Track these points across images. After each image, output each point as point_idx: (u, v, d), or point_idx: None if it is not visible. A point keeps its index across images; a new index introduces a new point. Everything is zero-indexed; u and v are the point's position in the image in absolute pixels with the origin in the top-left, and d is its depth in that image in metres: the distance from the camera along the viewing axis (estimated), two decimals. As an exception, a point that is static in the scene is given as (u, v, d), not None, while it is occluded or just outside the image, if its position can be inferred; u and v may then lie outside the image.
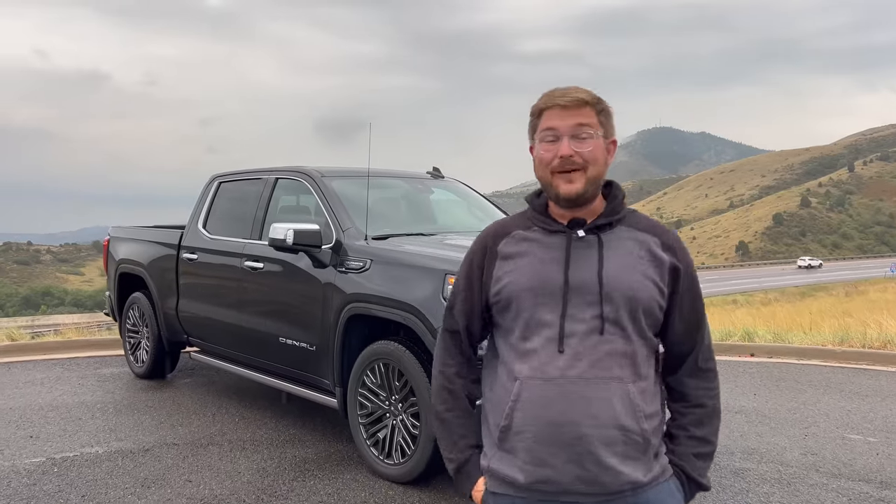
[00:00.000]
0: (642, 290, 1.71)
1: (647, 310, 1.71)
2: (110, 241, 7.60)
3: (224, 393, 6.48)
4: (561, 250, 1.74)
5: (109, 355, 8.23)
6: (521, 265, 1.75)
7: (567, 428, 1.64)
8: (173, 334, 6.57)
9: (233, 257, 5.66)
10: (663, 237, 1.79)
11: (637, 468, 1.68)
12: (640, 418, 1.68)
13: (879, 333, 8.89)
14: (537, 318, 1.71)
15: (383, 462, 4.33)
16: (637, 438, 1.67)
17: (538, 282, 1.72)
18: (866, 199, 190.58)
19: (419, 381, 4.06)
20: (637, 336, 1.71)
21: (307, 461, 4.67)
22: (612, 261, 1.72)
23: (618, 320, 1.69)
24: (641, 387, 1.71)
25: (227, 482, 4.31)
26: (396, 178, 5.97)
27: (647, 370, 1.74)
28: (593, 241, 1.75)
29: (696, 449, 1.80)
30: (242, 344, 5.63)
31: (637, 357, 1.71)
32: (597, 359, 1.67)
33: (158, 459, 4.69)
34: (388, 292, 4.28)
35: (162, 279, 6.59)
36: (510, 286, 1.75)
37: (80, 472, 4.48)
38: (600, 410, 1.65)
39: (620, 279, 1.70)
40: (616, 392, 1.67)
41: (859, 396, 6.44)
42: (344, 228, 4.82)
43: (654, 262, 1.75)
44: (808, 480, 4.34)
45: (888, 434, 5.28)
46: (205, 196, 6.43)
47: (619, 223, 1.79)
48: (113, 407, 5.97)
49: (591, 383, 1.66)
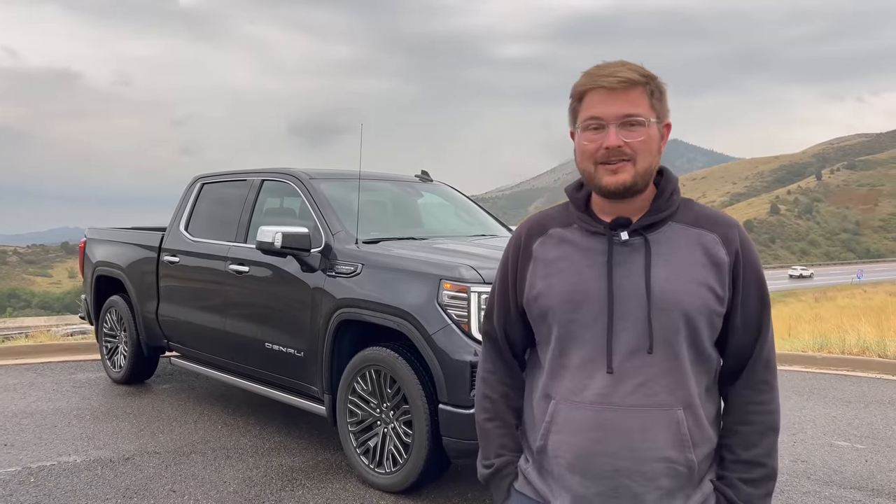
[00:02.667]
0: (696, 300, 1.48)
1: (703, 321, 1.49)
2: (87, 243, 7.40)
3: (206, 399, 6.33)
4: (602, 256, 1.51)
5: (84, 360, 8.01)
6: (557, 272, 1.55)
7: (601, 459, 1.48)
8: (153, 339, 6.40)
9: (217, 260, 5.52)
10: (723, 231, 1.53)
11: (679, 500, 1.51)
12: (687, 448, 1.49)
13: (858, 340, 9.01)
14: (574, 333, 1.51)
15: (374, 471, 4.24)
16: (682, 469, 1.49)
17: (576, 293, 1.51)
18: (833, 206, 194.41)
19: (412, 389, 3.98)
20: (692, 353, 1.50)
21: (294, 470, 4.56)
22: (661, 267, 1.49)
23: (668, 337, 1.47)
24: (693, 411, 1.51)
25: (212, 492, 4.18)
26: (385, 182, 5.89)
27: (700, 390, 1.53)
28: (639, 245, 1.51)
29: (742, 474, 1.54)
30: (226, 349, 5.50)
31: (689, 378, 1.50)
32: (641, 382, 1.47)
33: (140, 469, 4.54)
34: (380, 297, 4.19)
35: (142, 282, 6.42)
36: (544, 297, 1.55)
37: (58, 482, 4.32)
38: (641, 443, 1.47)
39: (671, 289, 1.48)
40: (661, 421, 1.47)
41: (843, 402, 6.49)
42: (334, 232, 4.72)
43: (712, 262, 1.51)
44: (800, 488, 4.34)
45: (875, 441, 5.31)
46: (187, 197, 6.28)
47: (670, 219, 1.54)
48: (90, 414, 5.79)
49: (632, 411, 1.47)
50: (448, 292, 3.92)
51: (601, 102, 1.47)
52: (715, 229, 1.53)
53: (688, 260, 1.50)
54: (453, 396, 3.81)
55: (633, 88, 1.48)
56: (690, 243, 1.52)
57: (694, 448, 1.50)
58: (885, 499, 4.18)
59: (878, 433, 5.52)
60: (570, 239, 1.57)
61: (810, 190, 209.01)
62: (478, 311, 3.83)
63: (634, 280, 1.49)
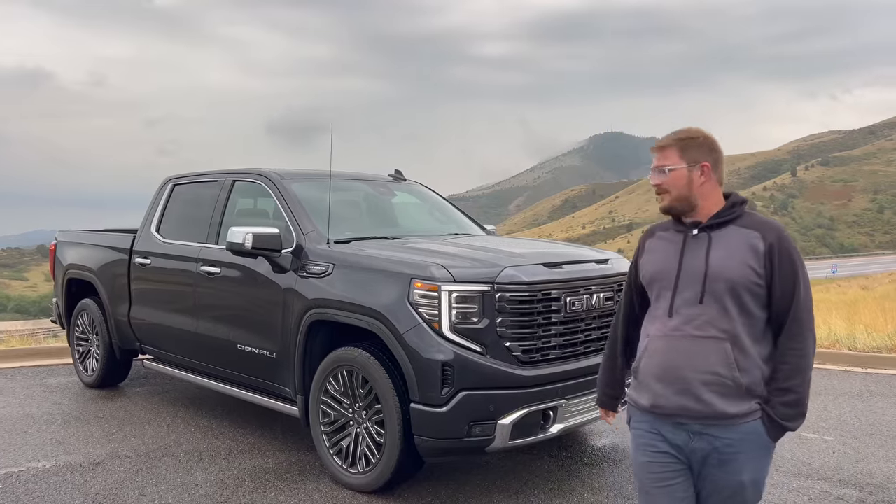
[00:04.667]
0: (739, 273, 2.22)
1: (745, 288, 2.22)
2: (57, 246, 7.31)
3: (179, 402, 6.28)
4: (680, 244, 2.35)
5: (56, 364, 7.92)
6: (657, 251, 2.43)
7: (671, 371, 2.27)
8: (125, 342, 6.34)
9: (188, 262, 5.48)
10: (764, 230, 2.26)
11: (727, 404, 2.20)
12: (733, 369, 2.21)
13: (829, 333, 9.14)
14: (661, 293, 2.35)
15: (347, 471, 4.23)
16: (728, 382, 2.21)
17: (662, 267, 2.37)
18: (808, 202, 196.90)
19: (384, 388, 3.98)
20: (736, 308, 2.23)
21: (267, 472, 4.54)
22: (717, 251, 2.27)
23: (716, 295, 2.23)
24: (739, 346, 2.22)
25: (183, 495, 4.15)
26: (358, 181, 5.88)
27: (747, 334, 2.23)
28: (704, 238, 2.31)
29: (781, 398, 2.22)
30: (199, 351, 5.46)
31: (736, 324, 2.22)
32: (698, 324, 2.25)
33: (110, 473, 4.50)
34: (352, 297, 4.19)
35: (113, 285, 6.35)
36: (647, 271, 2.43)
37: (27, 488, 4.27)
38: (698, 360, 2.23)
39: (722, 265, 2.24)
40: (713, 348, 2.22)
41: (813, 395, 6.53)
42: (305, 232, 4.71)
43: (753, 251, 2.24)
44: (769, 480, 4.39)
45: (842, 433, 5.40)
46: (158, 199, 6.22)
47: (731, 223, 2.31)
48: (61, 418, 5.72)
49: (691, 340, 2.25)
50: (419, 291, 3.92)
51: (654, 158, 2.40)
52: (759, 229, 2.27)
53: (736, 248, 2.26)
54: (424, 395, 3.82)
55: (666, 149, 2.36)
56: (740, 238, 2.27)
57: (740, 371, 2.21)
58: (850, 489, 4.26)
59: (846, 425, 5.61)
60: (665, 236, 2.45)
61: (786, 186, 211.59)
62: (448, 310, 3.84)
63: (698, 260, 2.29)
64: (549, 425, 4.02)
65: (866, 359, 7.99)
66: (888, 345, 8.32)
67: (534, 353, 3.98)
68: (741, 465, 2.23)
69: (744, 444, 2.22)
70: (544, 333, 4.03)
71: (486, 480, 4.40)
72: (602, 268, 4.48)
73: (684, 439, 2.27)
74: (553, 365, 4.05)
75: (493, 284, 3.90)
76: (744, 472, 2.24)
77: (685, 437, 2.27)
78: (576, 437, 5.26)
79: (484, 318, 3.87)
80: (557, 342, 4.09)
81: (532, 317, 3.98)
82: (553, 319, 4.07)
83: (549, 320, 4.05)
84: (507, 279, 3.93)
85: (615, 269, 4.55)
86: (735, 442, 2.22)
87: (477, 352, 3.84)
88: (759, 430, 2.23)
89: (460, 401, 3.77)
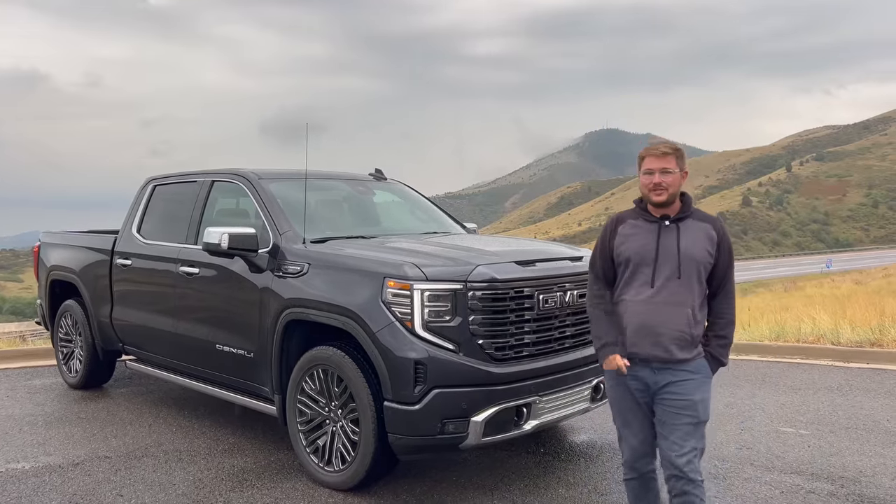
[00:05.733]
0: (701, 255, 3.09)
1: (703, 267, 3.10)
2: (41, 247, 7.32)
3: (162, 402, 6.30)
4: (654, 233, 3.13)
5: (42, 366, 7.94)
6: (634, 236, 3.16)
7: (648, 328, 3.08)
8: (108, 343, 6.35)
9: (168, 262, 5.49)
10: (714, 224, 3.17)
11: (684, 352, 3.08)
12: (692, 326, 3.09)
13: (813, 328, 9.19)
14: (639, 269, 3.12)
15: (323, 469, 4.26)
16: (687, 337, 3.08)
17: (640, 249, 3.13)
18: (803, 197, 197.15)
19: (359, 387, 4.00)
20: (696, 281, 3.09)
21: (245, 471, 4.56)
22: (685, 239, 3.10)
23: (687, 272, 3.07)
24: (696, 308, 3.09)
25: (160, 495, 4.17)
26: (338, 181, 5.90)
27: (700, 300, 3.11)
28: (674, 228, 3.13)
29: (719, 342, 3.17)
30: (179, 352, 5.47)
31: (695, 293, 3.09)
32: (672, 292, 3.07)
33: (89, 474, 4.52)
34: (326, 297, 4.21)
35: (95, 286, 6.37)
36: (625, 250, 3.15)
37: (4, 489, 4.29)
38: (670, 321, 3.07)
39: (690, 249, 3.09)
40: (680, 312, 3.07)
41: (793, 390, 6.63)
42: (282, 232, 4.72)
43: (708, 239, 3.12)
44: (742, 475, 4.44)
45: (819, 426, 5.44)
46: (139, 200, 6.24)
47: (688, 217, 3.15)
48: (43, 420, 5.73)
49: (665, 306, 3.07)
50: (392, 290, 3.94)
51: (653, 161, 3.11)
52: (710, 222, 3.17)
53: (697, 236, 3.12)
54: (397, 393, 3.84)
55: (668, 156, 3.11)
56: (699, 229, 3.13)
57: (693, 327, 3.09)
58: (822, 482, 4.29)
59: (824, 419, 5.65)
60: (637, 224, 3.19)
61: (781, 182, 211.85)
62: (421, 309, 3.87)
63: (671, 245, 3.10)
64: (522, 422, 4.04)
65: (849, 353, 8.03)
66: (871, 339, 8.36)
67: (507, 350, 4.01)
68: (692, 388, 3.09)
69: (693, 375, 3.10)
70: (517, 331, 4.06)
71: (461, 477, 4.43)
72: (576, 265, 4.51)
73: (649, 374, 3.13)
74: (526, 362, 4.08)
75: (466, 283, 3.93)
76: (695, 393, 3.09)
77: (650, 372, 3.12)
78: (554, 434, 5.29)
79: (456, 317, 3.90)
80: (531, 339, 4.11)
81: (505, 314, 4.01)
82: (526, 317, 4.09)
83: (523, 318, 4.08)
84: (479, 277, 3.96)
85: (589, 266, 4.58)
86: (687, 374, 3.09)
87: (450, 350, 3.87)
88: (703, 365, 3.14)
89: (433, 398, 3.80)
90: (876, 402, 6.13)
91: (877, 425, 5.46)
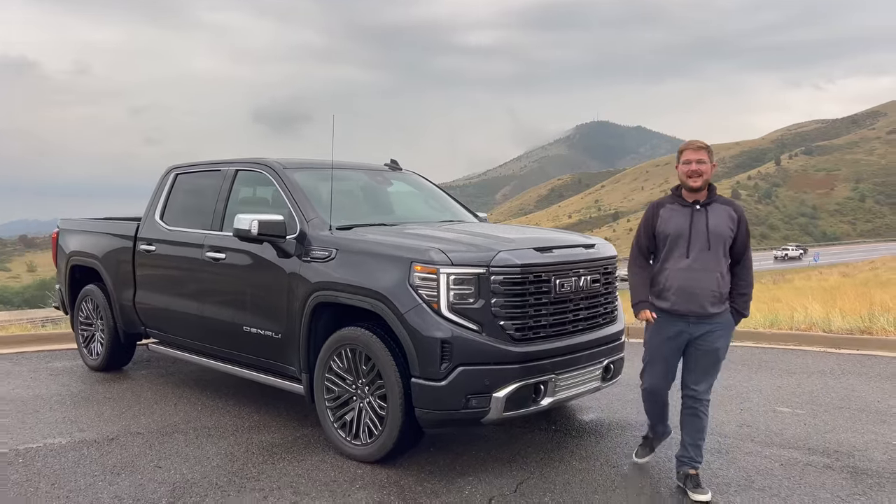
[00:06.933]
0: (725, 232, 3.97)
1: (726, 240, 3.97)
2: (60, 234, 7.50)
3: (183, 383, 6.52)
4: (688, 215, 4.00)
5: (59, 349, 8.11)
6: (672, 218, 4.03)
7: (686, 289, 3.96)
8: (130, 326, 6.56)
9: (193, 248, 5.70)
10: (734, 207, 4.04)
11: (715, 308, 3.97)
12: (722, 286, 3.97)
13: (805, 316, 9.51)
14: (677, 243, 4.00)
15: (350, 443, 4.51)
16: (717, 295, 3.97)
17: (678, 228, 4.00)
18: (791, 191, 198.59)
19: (386, 365, 4.25)
20: (723, 253, 3.97)
21: (274, 445, 4.80)
22: (712, 219, 3.97)
23: (715, 245, 3.94)
24: (723, 273, 3.98)
25: (196, 467, 4.41)
26: (356, 171, 6.12)
27: (725, 268, 4.00)
28: (703, 211, 3.99)
29: (741, 299, 4.07)
30: (204, 334, 5.70)
31: (722, 262, 3.97)
32: (704, 262, 3.94)
33: (125, 448, 4.75)
34: (355, 280, 4.44)
35: (117, 271, 6.57)
36: (665, 229, 4.03)
37: (46, 461, 4.51)
38: (703, 283, 3.94)
39: (717, 228, 3.96)
40: (712, 276, 3.95)
41: (788, 373, 6.94)
42: (308, 219, 4.95)
43: (730, 219, 4.00)
44: (743, 449, 4.73)
45: (814, 406, 5.75)
46: (161, 188, 6.43)
47: (714, 202, 4.02)
48: (70, 399, 5.95)
49: (700, 272, 3.94)
50: (419, 274, 4.19)
51: (691, 153, 3.98)
52: (731, 206, 4.04)
53: (722, 217, 3.99)
54: (424, 370, 4.10)
55: (704, 150, 3.98)
56: (723, 211, 4.00)
57: (722, 287, 3.97)
58: (818, 456, 4.59)
59: (818, 399, 5.96)
60: (674, 208, 4.06)
61: (770, 175, 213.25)
62: (446, 292, 4.12)
63: (701, 224, 3.97)
64: (540, 398, 4.31)
65: (840, 340, 8.35)
66: (861, 327, 8.68)
67: (526, 331, 4.27)
68: (718, 337, 4.01)
69: (719, 326, 4.01)
70: (535, 313, 4.32)
71: (481, 451, 4.69)
72: (589, 252, 4.77)
73: (686, 326, 4.00)
74: (544, 342, 4.34)
75: (488, 267, 4.18)
76: (719, 341, 4.02)
77: (686, 325, 4.00)
78: (564, 413, 5.56)
79: (480, 299, 4.15)
80: (548, 321, 4.37)
81: (524, 297, 4.26)
82: (544, 300, 4.35)
83: (540, 301, 4.34)
84: (501, 262, 4.21)
85: (601, 253, 4.85)
86: (715, 326, 3.99)
87: (473, 330, 4.12)
88: (729, 318, 4.03)
89: (458, 375, 4.06)
90: (867, 385, 6.44)
91: (868, 405, 5.77)
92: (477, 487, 4.09)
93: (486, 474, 4.29)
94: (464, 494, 3.99)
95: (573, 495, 3.98)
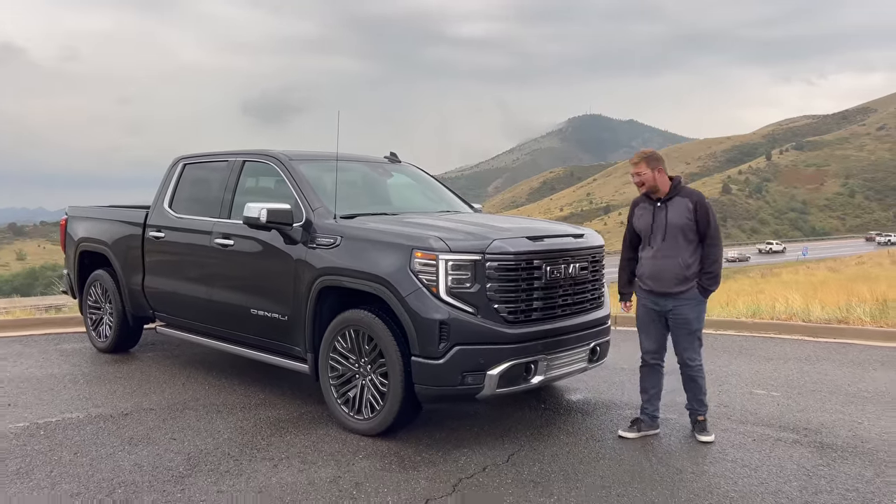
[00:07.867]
0: (684, 222, 4.67)
1: (687, 229, 4.67)
2: (68, 221, 7.76)
3: (190, 363, 6.82)
4: (652, 211, 4.78)
5: (66, 332, 8.39)
6: (641, 216, 4.84)
7: (655, 273, 4.76)
8: (138, 309, 6.84)
9: (202, 235, 5.99)
10: (692, 198, 4.71)
11: (679, 287, 4.71)
12: (685, 269, 4.69)
13: (786, 307, 9.89)
14: (647, 237, 4.81)
15: (353, 418, 4.82)
16: (682, 277, 4.69)
17: (646, 223, 4.80)
18: (782, 186, 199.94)
19: (388, 344, 4.56)
20: (684, 241, 4.68)
21: (281, 420, 5.11)
22: (671, 213, 4.70)
23: (672, 234, 4.69)
24: (686, 257, 4.69)
25: (209, 439, 4.71)
26: (358, 162, 6.41)
27: (690, 251, 4.69)
28: (664, 207, 4.74)
29: (707, 276, 4.71)
30: (213, 317, 5.99)
31: (682, 248, 4.69)
32: (666, 250, 4.71)
33: (140, 422, 5.04)
34: (359, 266, 4.75)
35: (127, 257, 6.84)
36: (637, 224, 4.87)
37: (67, 434, 4.79)
38: (668, 268, 4.70)
39: (674, 220, 4.69)
40: (675, 262, 4.69)
41: (766, 360, 7.30)
42: (314, 208, 5.24)
43: (688, 210, 4.68)
44: (720, 426, 5.07)
45: (788, 389, 6.10)
46: (169, 177, 6.70)
47: (675, 196, 4.73)
48: (83, 378, 6.23)
49: (665, 259, 4.71)
50: (419, 260, 4.49)
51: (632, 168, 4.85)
52: (689, 196, 4.74)
53: (679, 210, 4.72)
54: (424, 349, 4.41)
55: (639, 164, 4.80)
56: (681, 204, 4.73)
57: (685, 270, 4.70)
58: (788, 433, 4.94)
59: (793, 383, 6.31)
60: (644, 206, 4.86)
61: (760, 170, 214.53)
62: (445, 277, 4.43)
63: (661, 219, 4.76)
64: (531, 377, 4.64)
65: (817, 329, 8.72)
66: (838, 317, 9.06)
67: (518, 314, 4.59)
68: (687, 310, 4.72)
69: (685, 301, 4.72)
70: (527, 297, 4.64)
71: (475, 426, 5.02)
72: (578, 241, 5.09)
73: (660, 300, 4.76)
74: (535, 324, 4.66)
75: (484, 254, 4.49)
76: (690, 313, 4.72)
77: (661, 300, 4.75)
78: (553, 392, 5.90)
79: (476, 284, 4.47)
80: (539, 305, 4.69)
81: (517, 282, 4.58)
82: (535, 285, 4.67)
83: (532, 286, 4.66)
84: (495, 250, 4.53)
85: (589, 242, 5.17)
86: (681, 301, 4.72)
87: (469, 312, 4.44)
88: (696, 294, 4.71)
89: (455, 354, 4.37)
90: (840, 371, 6.81)
91: (839, 388, 6.13)
92: (471, 458, 4.41)
93: (480, 446, 4.62)
94: (459, 464, 4.31)
95: (560, 465, 4.31)
